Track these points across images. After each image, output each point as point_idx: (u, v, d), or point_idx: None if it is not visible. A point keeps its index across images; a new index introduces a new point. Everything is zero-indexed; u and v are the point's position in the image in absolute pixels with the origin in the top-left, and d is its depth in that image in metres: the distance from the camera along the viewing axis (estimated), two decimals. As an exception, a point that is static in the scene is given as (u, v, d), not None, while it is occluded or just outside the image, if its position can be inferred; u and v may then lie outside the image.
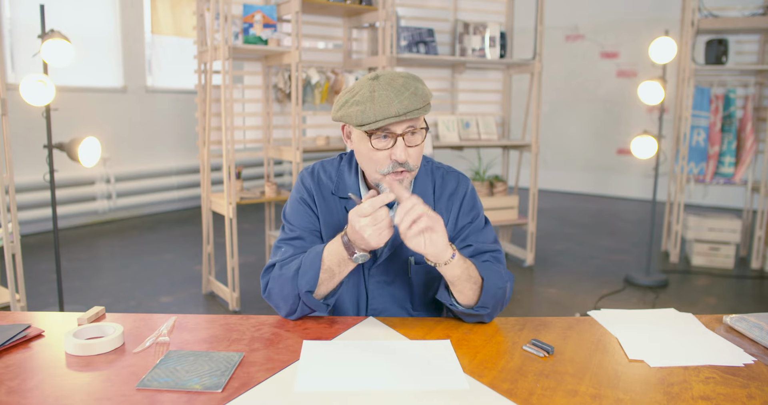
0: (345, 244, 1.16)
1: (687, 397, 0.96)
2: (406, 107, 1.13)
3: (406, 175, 1.21)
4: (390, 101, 1.13)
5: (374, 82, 1.17)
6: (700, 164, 4.23)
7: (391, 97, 1.14)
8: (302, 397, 0.94)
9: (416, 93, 1.15)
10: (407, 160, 1.19)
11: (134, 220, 5.50)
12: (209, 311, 3.24)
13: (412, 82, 1.17)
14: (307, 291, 1.20)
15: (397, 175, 1.20)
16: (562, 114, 7.48)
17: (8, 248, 2.49)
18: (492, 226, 1.39)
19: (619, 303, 3.42)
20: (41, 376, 0.99)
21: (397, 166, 1.19)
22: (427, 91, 1.18)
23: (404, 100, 1.14)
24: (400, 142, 1.17)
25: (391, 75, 1.19)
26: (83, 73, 5.11)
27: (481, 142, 3.99)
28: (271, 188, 3.48)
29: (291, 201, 1.36)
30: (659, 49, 3.69)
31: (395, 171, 1.19)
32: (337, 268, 1.19)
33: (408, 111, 1.14)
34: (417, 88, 1.17)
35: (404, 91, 1.15)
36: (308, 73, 3.52)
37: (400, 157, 1.17)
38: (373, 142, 1.18)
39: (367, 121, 1.14)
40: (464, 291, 1.20)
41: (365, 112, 1.14)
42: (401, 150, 1.17)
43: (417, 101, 1.14)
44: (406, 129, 1.17)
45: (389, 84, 1.16)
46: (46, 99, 2.57)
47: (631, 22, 6.83)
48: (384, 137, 1.18)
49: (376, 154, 1.19)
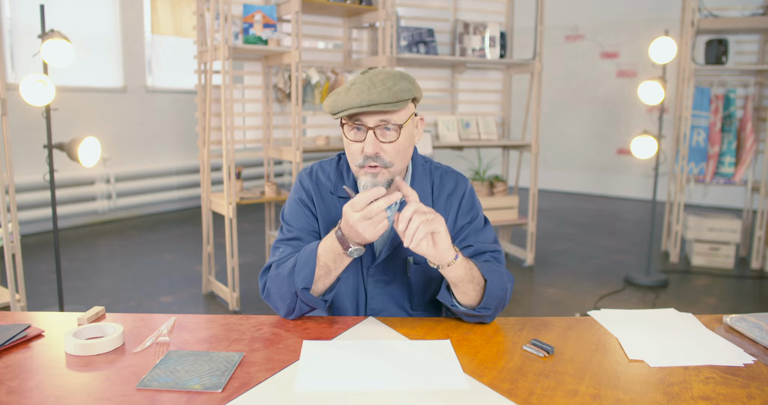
0: (339, 239, 1.16)
1: (687, 397, 0.96)
2: (370, 100, 1.14)
3: (381, 170, 1.21)
4: (360, 92, 1.15)
5: (361, 76, 1.20)
6: (700, 164, 4.23)
7: (363, 89, 1.15)
8: (302, 397, 0.94)
9: (390, 89, 1.16)
10: (379, 155, 1.19)
11: (134, 220, 5.50)
12: (209, 311, 3.24)
13: (394, 79, 1.18)
14: (304, 288, 1.20)
15: (371, 169, 1.20)
16: (562, 114, 7.48)
17: (8, 248, 2.49)
18: (492, 226, 1.39)
19: (619, 303, 3.42)
20: (41, 376, 0.99)
21: (368, 160, 1.19)
22: (406, 89, 1.18)
23: (373, 93, 1.15)
24: (369, 135, 1.18)
25: (379, 71, 1.21)
26: (83, 73, 5.11)
27: (481, 142, 3.99)
28: (271, 188, 3.48)
29: (289, 202, 1.37)
30: (659, 49, 3.69)
31: (368, 165, 1.20)
32: (332, 263, 1.19)
33: (372, 103, 1.14)
34: (396, 84, 1.17)
35: (379, 85, 1.16)
36: (308, 73, 3.52)
37: (367, 150, 1.18)
38: (345, 131, 1.21)
39: (335, 109, 1.17)
40: (467, 292, 1.20)
41: (337, 101, 1.17)
42: (369, 143, 1.18)
43: (386, 96, 1.15)
44: (378, 123, 1.18)
45: (371, 78, 1.18)
46: (46, 99, 2.57)
47: (631, 22, 6.83)
48: (358, 129, 1.19)
49: (350, 146, 1.21)
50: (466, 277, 1.18)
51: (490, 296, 1.20)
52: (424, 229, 1.09)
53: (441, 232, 1.12)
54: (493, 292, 1.20)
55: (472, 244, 1.32)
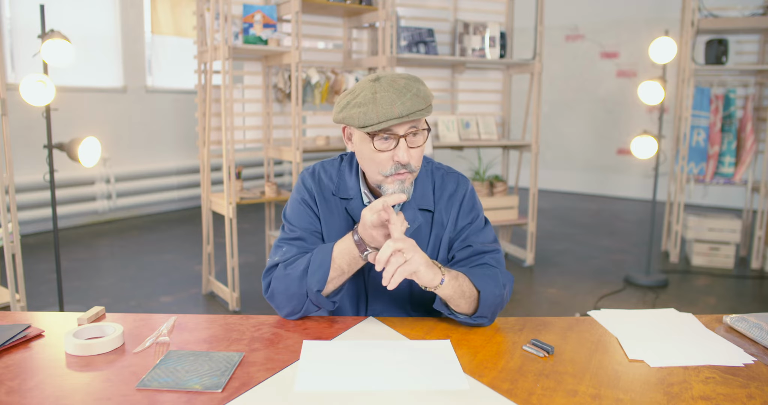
0: (356, 242, 1.17)
1: (687, 397, 0.96)
2: (408, 108, 1.13)
3: (408, 176, 1.21)
4: (392, 102, 1.13)
5: (376, 84, 1.16)
6: (700, 164, 4.23)
7: (393, 98, 1.14)
8: (302, 397, 0.94)
9: (418, 94, 1.15)
10: (409, 162, 1.19)
11: (134, 220, 5.50)
12: (209, 311, 3.24)
13: (414, 84, 1.17)
14: (317, 290, 1.21)
15: (399, 176, 1.20)
16: (562, 114, 7.48)
17: (8, 248, 2.49)
18: (492, 226, 1.39)
19: (619, 303, 3.42)
20: (41, 376, 0.99)
21: (400, 168, 1.19)
22: (428, 92, 1.18)
23: (407, 101, 1.14)
24: (402, 144, 1.17)
25: (393, 76, 1.19)
26: (83, 73, 5.11)
27: (481, 142, 3.99)
28: (271, 188, 3.48)
29: (292, 201, 1.36)
30: (659, 49, 3.69)
31: (397, 172, 1.19)
32: (347, 266, 1.20)
33: (411, 112, 1.13)
34: (419, 89, 1.17)
35: (406, 92, 1.15)
36: (308, 73, 3.52)
37: (402, 159, 1.17)
38: (375, 143, 1.18)
39: (369, 122, 1.14)
40: (460, 305, 1.21)
41: (367, 113, 1.14)
42: (404, 151, 1.17)
43: (419, 102, 1.15)
44: (409, 130, 1.17)
45: (391, 85, 1.15)
46: (46, 99, 2.57)
47: (631, 22, 6.83)
48: (386, 139, 1.17)
49: (378, 156, 1.19)
50: (455, 295, 1.19)
51: (485, 305, 1.21)
52: (402, 272, 1.10)
53: (420, 272, 1.12)
54: (488, 301, 1.21)
55: (472, 244, 1.32)
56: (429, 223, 1.33)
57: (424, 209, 1.32)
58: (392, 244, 1.10)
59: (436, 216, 1.33)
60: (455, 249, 1.34)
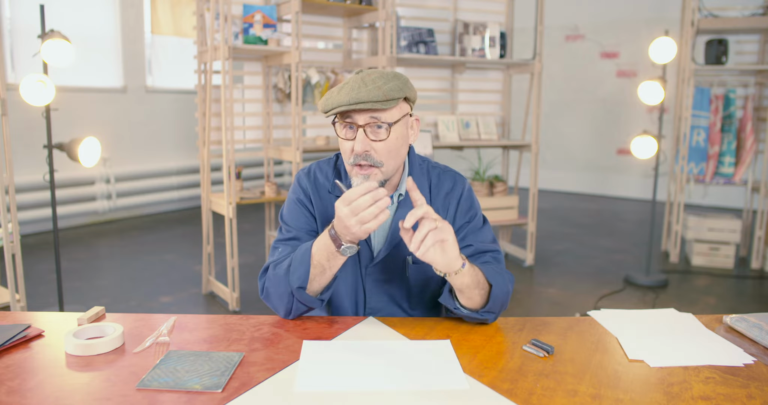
0: (332, 237, 1.16)
1: (687, 397, 0.96)
2: (359, 97, 1.15)
3: (373, 170, 1.21)
4: (351, 91, 1.16)
5: (354, 75, 1.21)
6: (700, 164, 4.23)
7: (354, 87, 1.16)
8: (302, 397, 0.94)
9: (381, 87, 1.16)
10: (369, 154, 1.19)
11: (134, 220, 5.50)
12: (209, 311, 3.24)
13: (385, 79, 1.19)
14: (299, 287, 1.20)
15: (362, 169, 1.21)
16: (562, 114, 7.48)
17: (8, 248, 2.49)
18: (490, 225, 1.39)
19: (619, 303, 3.42)
20: (41, 376, 0.99)
21: (359, 159, 1.20)
22: (396, 88, 1.18)
23: (363, 91, 1.15)
24: (360, 133, 1.19)
25: (373, 70, 1.22)
26: (83, 73, 5.11)
27: (481, 142, 3.99)
28: (271, 188, 3.48)
29: (288, 202, 1.37)
30: (659, 49, 3.69)
31: (359, 164, 1.20)
32: (326, 262, 1.19)
33: (361, 101, 1.15)
34: (386, 83, 1.17)
35: (370, 84, 1.17)
36: (308, 73, 3.52)
37: (356, 148, 1.18)
38: (337, 129, 1.22)
39: (326, 107, 1.18)
40: (472, 297, 1.19)
41: (328, 98, 1.18)
42: (359, 141, 1.18)
43: (376, 94, 1.15)
44: (369, 121, 1.18)
45: (362, 77, 1.19)
46: (46, 99, 2.57)
47: (631, 22, 6.83)
48: (350, 128, 1.20)
49: (343, 144, 1.22)
50: (471, 284, 1.17)
51: (495, 300, 1.20)
52: (433, 237, 1.07)
53: (449, 241, 1.10)
54: (498, 296, 1.20)
55: (473, 243, 1.32)
56: None
57: None
58: (424, 209, 1.08)
59: None
60: None
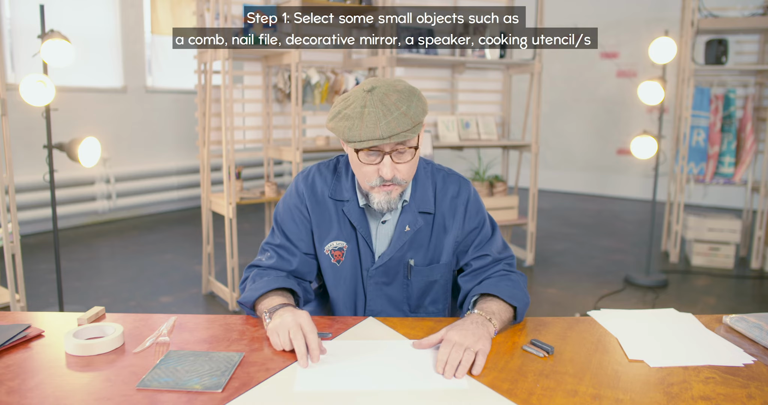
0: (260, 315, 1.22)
1: (687, 397, 0.96)
2: (392, 130, 1.13)
3: (394, 188, 1.23)
4: (377, 121, 1.12)
5: (367, 96, 1.16)
6: (700, 164, 4.23)
7: (380, 116, 1.13)
8: (302, 397, 0.94)
9: (407, 113, 1.14)
10: (395, 176, 1.21)
11: (134, 220, 5.50)
12: (209, 311, 3.24)
13: (405, 100, 1.16)
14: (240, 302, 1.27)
15: (385, 187, 1.22)
16: (562, 114, 7.48)
17: (8, 248, 2.49)
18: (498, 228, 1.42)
19: (619, 303, 3.42)
20: (41, 376, 0.99)
21: (384, 181, 1.21)
22: (419, 110, 1.16)
23: (392, 121, 1.13)
24: (387, 160, 1.18)
25: (386, 88, 1.17)
26: (83, 73, 5.11)
27: (481, 142, 3.99)
28: (271, 188, 3.48)
29: (284, 204, 1.38)
30: (659, 49, 3.69)
31: (383, 184, 1.21)
32: None
33: (393, 134, 1.13)
34: (409, 107, 1.15)
35: (394, 111, 1.13)
36: (308, 73, 3.52)
37: (386, 175, 1.19)
38: (360, 157, 1.19)
39: (353, 139, 1.15)
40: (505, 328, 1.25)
41: (352, 129, 1.14)
42: (388, 168, 1.18)
43: (405, 123, 1.13)
44: (395, 148, 1.18)
45: (381, 100, 1.14)
46: (46, 99, 2.57)
47: (631, 22, 6.83)
48: (371, 155, 1.18)
49: (363, 168, 1.21)
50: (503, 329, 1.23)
51: (521, 315, 1.26)
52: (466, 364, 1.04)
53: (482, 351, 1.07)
54: (523, 311, 1.25)
55: (489, 253, 1.35)
56: (429, 225, 1.34)
57: (424, 212, 1.32)
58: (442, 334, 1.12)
59: (437, 218, 1.34)
60: (470, 256, 1.35)
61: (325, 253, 1.34)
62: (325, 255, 1.34)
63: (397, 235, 1.31)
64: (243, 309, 1.28)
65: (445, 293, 1.41)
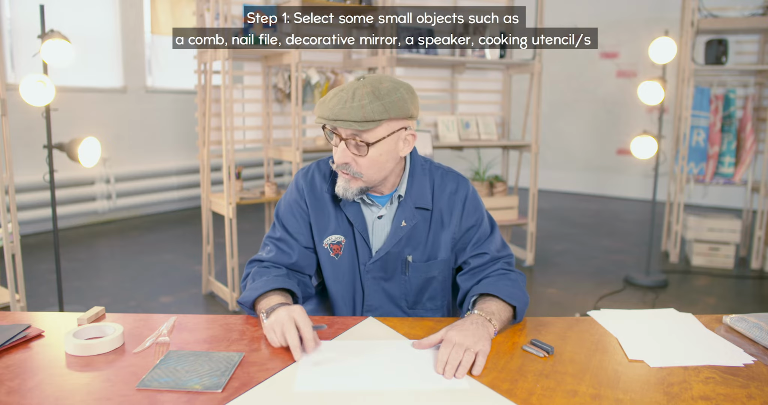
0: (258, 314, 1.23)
1: (687, 397, 0.96)
2: (337, 115, 1.15)
3: (352, 179, 1.24)
4: (338, 103, 1.16)
5: (354, 82, 1.21)
6: (699, 164, 4.23)
7: (344, 100, 1.16)
8: (302, 397, 0.94)
9: (364, 107, 1.15)
10: (350, 165, 1.22)
11: (134, 220, 5.50)
12: (209, 311, 3.24)
13: (375, 96, 1.16)
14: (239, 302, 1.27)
15: (343, 174, 1.24)
16: (562, 114, 7.49)
17: (8, 248, 2.49)
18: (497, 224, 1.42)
19: (619, 303, 3.42)
20: (41, 376, 0.99)
21: (340, 167, 1.23)
22: (378, 111, 1.16)
23: (347, 107, 1.15)
24: (341, 146, 1.21)
25: (373, 80, 1.20)
26: (83, 73, 5.11)
27: (480, 142, 3.99)
28: (271, 188, 3.48)
29: (285, 200, 1.40)
30: (659, 49, 3.69)
31: (341, 171, 1.24)
32: None
33: (338, 118, 1.15)
34: (372, 103, 1.15)
35: (356, 101, 1.15)
36: (308, 73, 3.52)
37: (336, 159, 1.22)
38: (324, 133, 1.24)
39: (315, 112, 1.21)
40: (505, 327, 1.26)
41: (321, 104, 1.20)
42: (339, 152, 1.22)
43: (355, 114, 1.15)
44: (350, 135, 1.19)
45: (355, 90, 1.17)
46: (46, 99, 2.57)
47: (631, 22, 6.83)
48: (332, 136, 1.22)
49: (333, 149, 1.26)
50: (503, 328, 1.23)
51: (521, 314, 1.26)
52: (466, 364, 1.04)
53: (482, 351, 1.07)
54: (522, 309, 1.26)
55: (488, 251, 1.35)
56: (427, 221, 1.34)
57: (421, 208, 1.33)
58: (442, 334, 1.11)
59: (434, 214, 1.34)
60: (468, 254, 1.36)
61: (323, 246, 1.36)
62: (324, 249, 1.36)
63: (393, 230, 1.31)
64: (243, 309, 1.28)
65: (444, 290, 1.41)
